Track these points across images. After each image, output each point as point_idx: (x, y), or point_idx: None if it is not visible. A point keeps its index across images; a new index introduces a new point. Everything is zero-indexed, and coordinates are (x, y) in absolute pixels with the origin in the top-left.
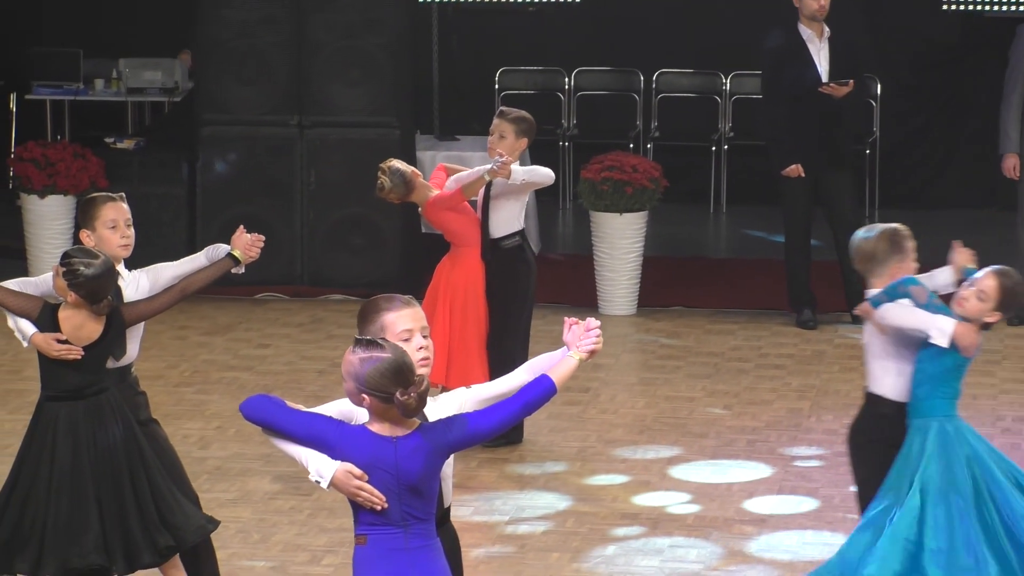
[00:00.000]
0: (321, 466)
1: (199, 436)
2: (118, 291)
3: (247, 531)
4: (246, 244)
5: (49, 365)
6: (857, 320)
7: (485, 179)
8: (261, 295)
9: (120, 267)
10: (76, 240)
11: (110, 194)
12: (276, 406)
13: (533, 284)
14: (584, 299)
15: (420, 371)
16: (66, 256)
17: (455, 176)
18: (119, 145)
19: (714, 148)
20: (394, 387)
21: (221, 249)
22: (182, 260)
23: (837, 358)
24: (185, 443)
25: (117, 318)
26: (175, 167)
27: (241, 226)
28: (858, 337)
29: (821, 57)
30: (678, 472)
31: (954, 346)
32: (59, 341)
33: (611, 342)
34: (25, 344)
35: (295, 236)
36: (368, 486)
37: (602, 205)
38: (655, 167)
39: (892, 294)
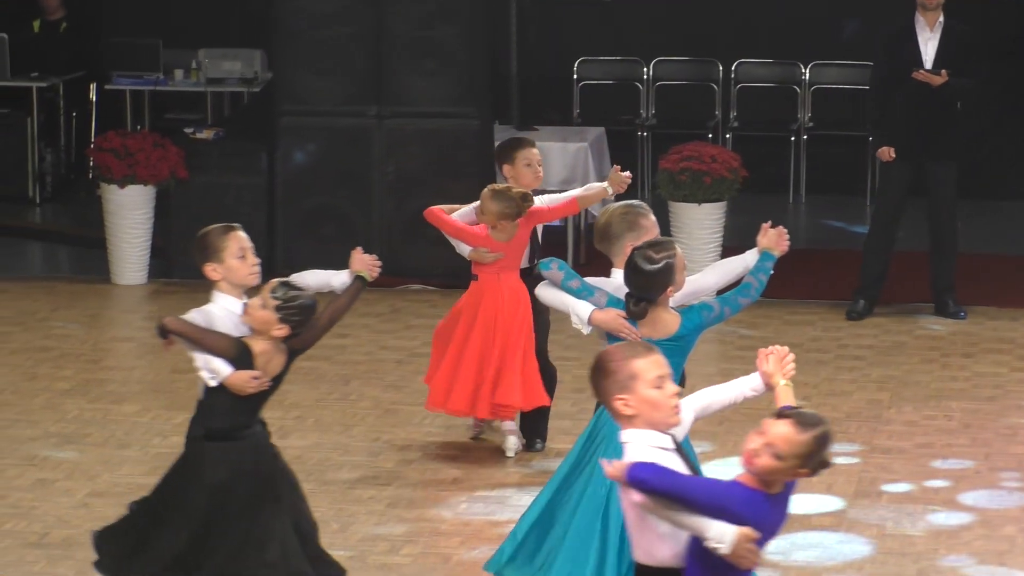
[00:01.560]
0: (724, 531)
1: (278, 426)
2: None
3: (326, 521)
4: (367, 263)
5: (248, 400)
6: (940, 311)
7: (608, 193)
8: None
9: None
10: (161, 234)
11: (227, 224)
12: (669, 473)
13: None
14: None
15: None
16: (277, 289)
17: (459, 213)
18: (198, 135)
19: (793, 138)
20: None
21: (338, 277)
22: None
23: (917, 349)
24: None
25: (300, 349)
26: (254, 157)
27: (358, 248)
28: (938, 328)
29: (929, 46)
30: None
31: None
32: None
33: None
34: (213, 383)
35: (373, 227)
36: (756, 548)
37: (680, 195)
38: (734, 157)
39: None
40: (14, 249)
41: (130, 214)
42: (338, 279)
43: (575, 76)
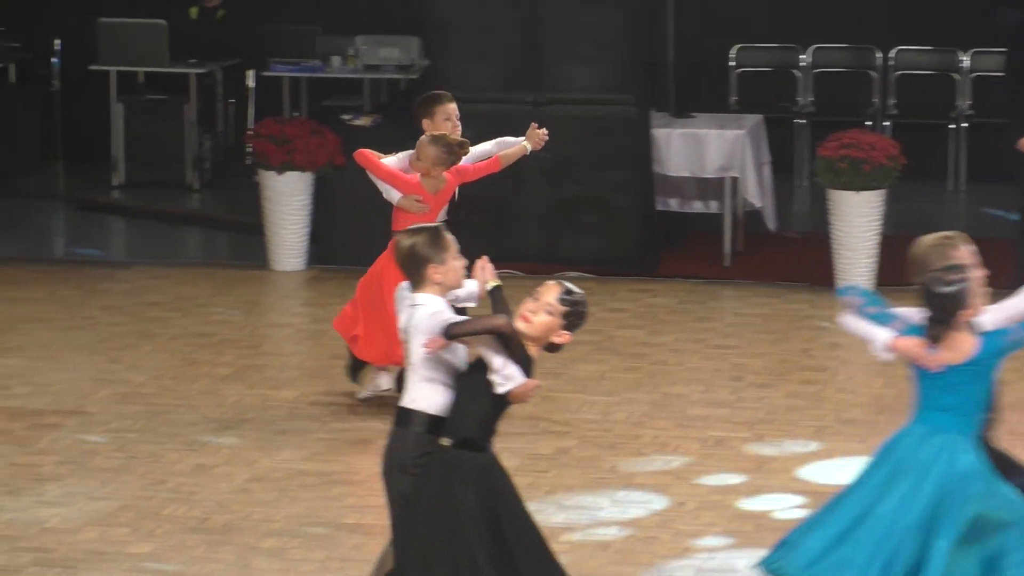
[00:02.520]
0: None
1: None
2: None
3: None
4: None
5: (472, 409)
6: None
7: (527, 151)
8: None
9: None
10: (318, 220)
11: (436, 226)
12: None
13: None
14: (821, 278)
15: None
16: (568, 293)
17: (386, 160)
18: (356, 122)
19: (952, 125)
20: None
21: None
22: None
23: None
24: None
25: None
26: (411, 144)
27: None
28: None
29: None
30: None
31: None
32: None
33: None
34: (501, 390)
35: (529, 213)
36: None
37: (839, 183)
38: (893, 145)
39: None
40: (173, 235)
41: (288, 200)
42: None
43: (732, 63)
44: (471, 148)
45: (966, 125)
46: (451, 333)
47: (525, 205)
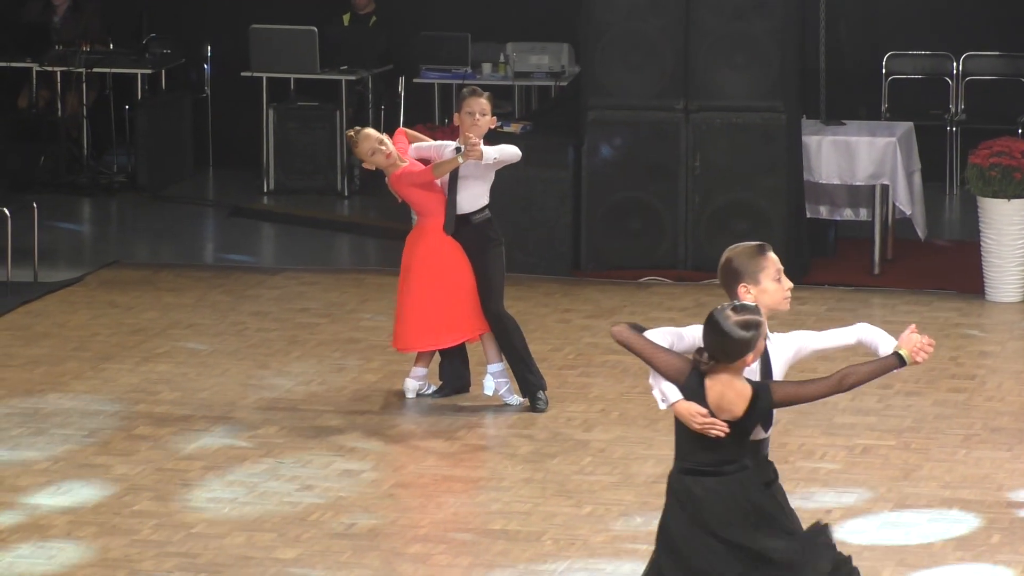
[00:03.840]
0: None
1: (582, 419)
2: (766, 356)
3: (630, 514)
4: (915, 346)
5: (686, 435)
6: None
7: (459, 162)
8: (645, 279)
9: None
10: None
11: (760, 243)
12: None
13: (503, 251)
14: (971, 286)
15: None
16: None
17: (417, 146)
18: (506, 129)
19: None
20: None
21: (869, 335)
22: (828, 333)
23: None
24: (569, 425)
25: (765, 395)
26: (561, 151)
27: (912, 325)
28: None
29: None
30: None
31: None
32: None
33: (998, 329)
34: (662, 407)
35: (679, 221)
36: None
37: (990, 191)
38: None
39: None
40: (323, 242)
41: None
42: (865, 338)
43: (884, 70)
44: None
45: None
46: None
47: (676, 213)
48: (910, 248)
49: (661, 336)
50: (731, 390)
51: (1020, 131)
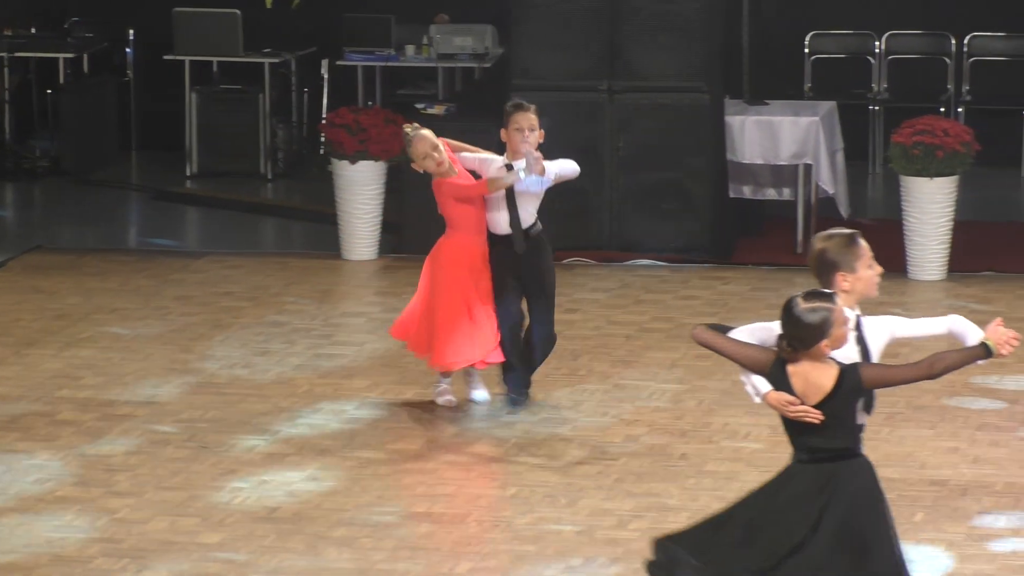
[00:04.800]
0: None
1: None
2: (863, 340)
3: (554, 495)
4: (1001, 338)
5: (792, 424)
6: None
7: (519, 178)
8: (569, 260)
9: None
10: (392, 210)
11: (852, 232)
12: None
13: None
14: (894, 264)
15: None
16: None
17: (461, 156)
18: (429, 111)
19: None
20: None
21: (959, 326)
22: (919, 321)
23: None
24: (493, 407)
25: (851, 376)
26: (486, 133)
27: (999, 318)
28: None
29: None
30: (986, 436)
31: None
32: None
33: (920, 307)
34: (757, 401)
35: (604, 202)
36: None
37: (913, 169)
38: (967, 131)
39: None
40: (247, 225)
41: (361, 190)
42: (954, 328)
43: (807, 50)
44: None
45: None
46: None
47: (600, 193)
48: (833, 227)
49: (748, 333)
50: (813, 375)
51: (942, 109)
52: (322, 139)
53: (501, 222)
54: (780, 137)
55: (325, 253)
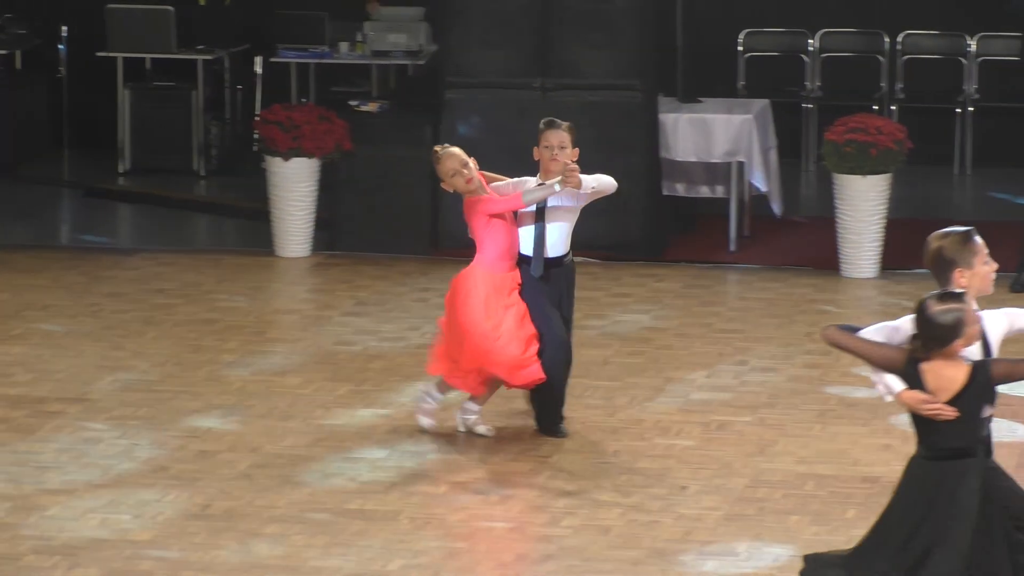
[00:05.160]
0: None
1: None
2: (983, 334)
3: (486, 492)
4: None
5: (922, 421)
6: None
7: (556, 190)
8: None
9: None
10: (325, 207)
11: (967, 229)
12: None
13: None
14: (827, 262)
15: None
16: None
17: (495, 186)
18: (363, 108)
19: (959, 110)
20: None
21: None
22: None
23: None
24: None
25: (982, 372)
26: (419, 131)
27: None
28: None
29: None
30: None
31: None
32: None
33: (853, 305)
34: (888, 399)
35: None
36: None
37: (846, 167)
38: (900, 129)
39: None
40: (180, 222)
41: (294, 187)
42: None
43: (740, 47)
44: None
45: (973, 109)
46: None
47: None
48: (766, 225)
49: (876, 332)
50: (946, 373)
51: (876, 107)
52: (255, 136)
53: (527, 241)
54: (713, 135)
55: (258, 250)
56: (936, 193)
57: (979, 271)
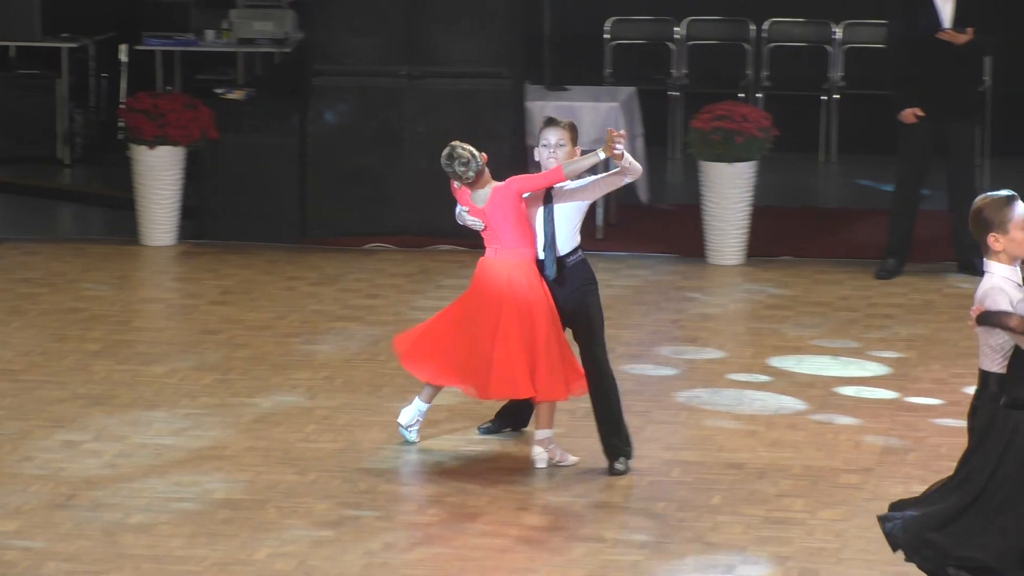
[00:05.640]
0: None
1: (307, 386)
2: None
3: (354, 480)
4: None
5: (1018, 371)
6: (964, 269)
7: (600, 157)
8: (371, 245)
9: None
10: (191, 195)
11: (1009, 194)
12: None
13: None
14: (693, 249)
15: None
16: None
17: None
18: (229, 96)
19: (824, 97)
20: None
21: None
22: None
23: (946, 308)
24: (293, 393)
25: None
26: (285, 118)
27: None
28: (968, 287)
29: (947, 4)
30: (784, 420)
31: None
32: None
33: (719, 291)
34: None
35: (404, 187)
36: None
37: (712, 155)
38: (765, 116)
39: None
40: (44, 211)
41: (160, 175)
42: None
43: (607, 35)
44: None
45: (838, 97)
46: (981, 320)
47: (401, 179)
48: (633, 212)
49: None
50: None
51: (741, 95)
52: (121, 124)
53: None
54: (580, 123)
55: (123, 239)
56: (801, 180)
57: (1015, 236)
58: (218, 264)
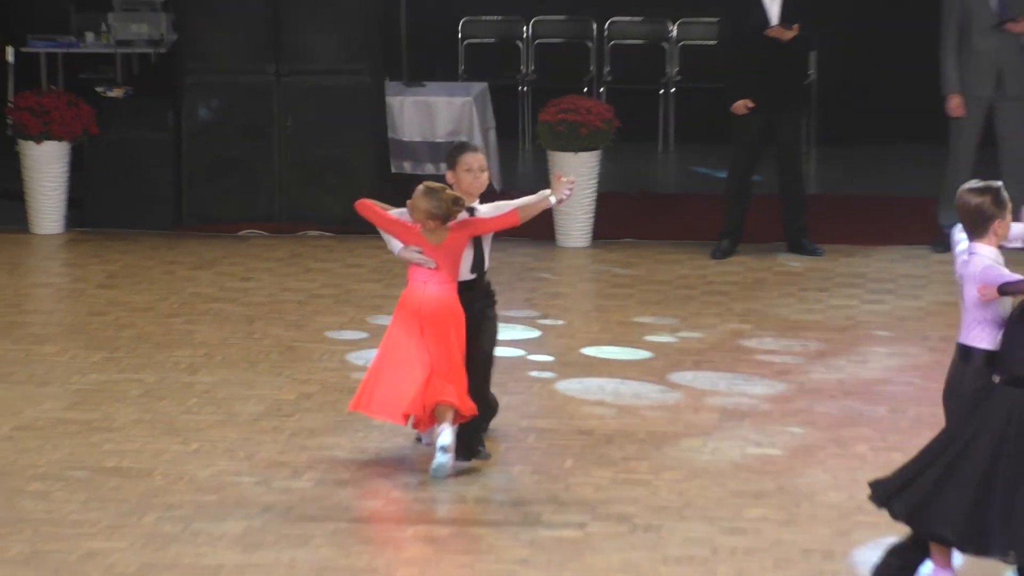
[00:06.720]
0: None
1: (188, 363)
2: None
3: (233, 450)
4: None
5: (1014, 347)
6: (794, 249)
7: (551, 202)
8: (244, 232)
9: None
10: (76, 186)
11: (999, 185)
12: None
13: None
14: (543, 232)
15: None
16: None
17: (512, 202)
18: (109, 94)
19: (662, 91)
20: None
21: None
22: None
23: (777, 284)
24: (175, 369)
25: None
26: (161, 114)
27: None
28: (796, 265)
29: (774, 3)
30: (629, 389)
31: None
32: None
33: (568, 272)
34: None
35: (274, 177)
36: None
37: (558, 145)
38: (608, 109)
39: None
40: None
41: (47, 168)
42: None
43: (460, 35)
44: (500, 202)
45: (675, 91)
46: (1005, 290)
47: (270, 169)
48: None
49: None
50: None
51: (585, 89)
52: (8, 121)
53: (465, 266)
54: (436, 116)
55: (13, 227)
56: (643, 168)
57: (1008, 221)
58: (103, 251)
